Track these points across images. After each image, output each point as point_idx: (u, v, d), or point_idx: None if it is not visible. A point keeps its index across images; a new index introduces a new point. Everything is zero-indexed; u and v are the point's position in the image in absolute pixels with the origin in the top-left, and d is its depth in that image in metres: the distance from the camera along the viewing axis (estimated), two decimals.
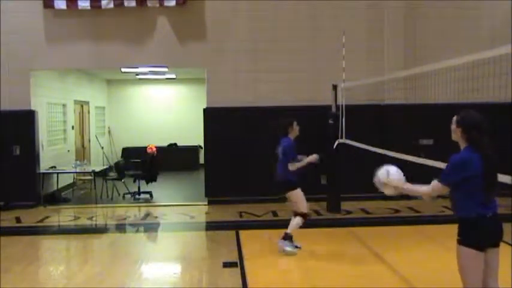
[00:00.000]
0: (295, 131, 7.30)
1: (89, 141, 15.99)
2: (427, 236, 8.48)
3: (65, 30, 11.17)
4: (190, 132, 17.47)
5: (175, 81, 18.06)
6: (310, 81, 11.27)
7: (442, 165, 5.73)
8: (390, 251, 7.37)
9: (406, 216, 9.95)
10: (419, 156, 6.94)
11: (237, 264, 6.87)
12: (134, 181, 12.48)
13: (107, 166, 14.13)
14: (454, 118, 4.00)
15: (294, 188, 7.17)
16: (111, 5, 10.77)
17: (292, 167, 7.10)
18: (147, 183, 12.45)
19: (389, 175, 4.27)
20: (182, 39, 11.24)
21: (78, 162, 12.60)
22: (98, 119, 17.36)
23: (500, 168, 4.02)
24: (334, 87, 10.26)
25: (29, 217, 10.25)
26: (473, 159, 3.83)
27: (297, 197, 7.19)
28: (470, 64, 5.41)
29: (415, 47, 11.19)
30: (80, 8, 10.74)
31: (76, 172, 12.69)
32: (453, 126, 4.00)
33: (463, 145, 3.95)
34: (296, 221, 7.22)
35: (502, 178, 4.21)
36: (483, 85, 6.02)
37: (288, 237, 7.22)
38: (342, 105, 9.65)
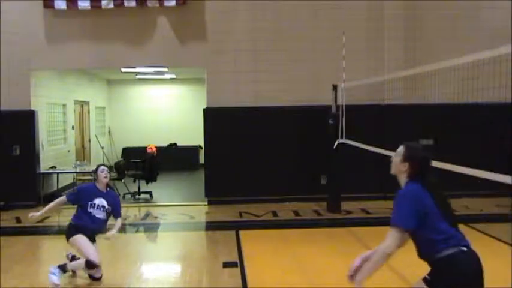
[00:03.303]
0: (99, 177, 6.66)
1: (89, 141, 15.99)
2: None
3: (65, 30, 11.17)
4: (190, 132, 17.48)
5: (175, 81, 18.07)
6: (310, 81, 11.27)
7: (441, 165, 5.75)
8: None
9: None
10: None
11: (237, 264, 6.88)
12: (134, 181, 12.48)
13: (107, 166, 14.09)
14: (401, 150, 3.63)
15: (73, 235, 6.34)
16: (111, 5, 10.77)
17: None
18: (147, 183, 12.46)
19: None
20: (182, 39, 11.24)
21: (78, 162, 12.63)
22: (98, 119, 17.36)
23: (501, 168, 3.92)
24: (334, 87, 10.26)
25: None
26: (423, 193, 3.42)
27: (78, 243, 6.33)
28: (470, 64, 5.41)
29: (415, 47, 11.18)
30: (80, 8, 10.74)
31: (76, 172, 12.68)
32: (397, 159, 3.60)
33: (404, 180, 3.55)
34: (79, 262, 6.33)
35: (503, 178, 4.21)
36: (483, 85, 6.02)
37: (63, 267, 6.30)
38: (342, 105, 9.66)
